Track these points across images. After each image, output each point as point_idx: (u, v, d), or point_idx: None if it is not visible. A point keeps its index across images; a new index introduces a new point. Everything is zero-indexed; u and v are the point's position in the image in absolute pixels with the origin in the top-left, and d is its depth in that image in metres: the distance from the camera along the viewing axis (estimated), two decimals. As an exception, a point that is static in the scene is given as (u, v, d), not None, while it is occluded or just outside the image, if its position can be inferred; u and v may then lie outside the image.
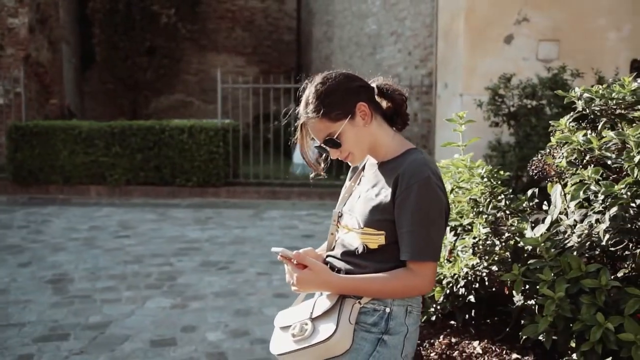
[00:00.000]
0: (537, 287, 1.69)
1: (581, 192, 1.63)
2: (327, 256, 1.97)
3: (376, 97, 1.91)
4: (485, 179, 2.08)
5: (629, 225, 1.52)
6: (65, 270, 5.55)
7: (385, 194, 1.78)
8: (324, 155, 1.95)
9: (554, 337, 1.89)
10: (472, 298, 2.16)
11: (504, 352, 2.07)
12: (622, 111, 1.72)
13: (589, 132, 1.87)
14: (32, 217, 7.88)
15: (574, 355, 1.69)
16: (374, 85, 1.91)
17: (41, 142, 9.11)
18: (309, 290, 1.85)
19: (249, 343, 4.01)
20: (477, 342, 2.15)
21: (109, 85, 14.76)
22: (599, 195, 1.64)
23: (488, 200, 2.04)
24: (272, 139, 9.61)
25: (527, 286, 1.78)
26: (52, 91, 12.69)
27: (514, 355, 2.03)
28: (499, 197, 2.08)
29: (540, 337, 1.79)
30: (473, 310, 2.29)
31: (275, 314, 4.60)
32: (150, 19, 14.11)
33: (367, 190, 1.87)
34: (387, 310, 1.78)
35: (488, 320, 2.35)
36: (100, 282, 5.23)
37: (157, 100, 15.97)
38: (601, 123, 1.77)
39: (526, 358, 2.01)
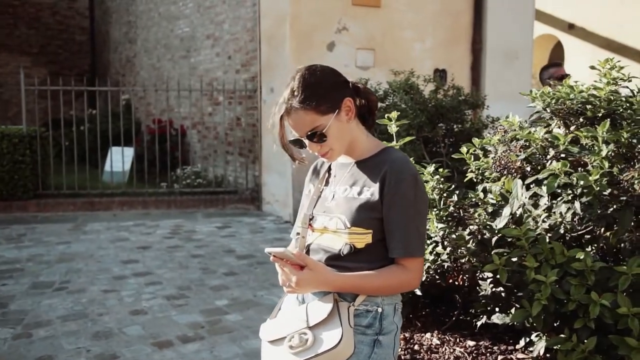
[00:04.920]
0: (517, 274, 1.81)
1: (555, 184, 1.78)
2: None
3: None
4: (437, 176, 2.17)
5: (606, 211, 1.71)
6: None
7: (370, 191, 1.77)
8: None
9: (492, 320, 2.04)
10: (417, 291, 2.24)
11: (458, 339, 2.18)
12: (574, 111, 1.93)
13: (534, 129, 2.05)
14: None
15: (541, 337, 1.84)
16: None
17: None
18: (308, 291, 1.78)
19: (122, 367, 3.67)
20: (429, 334, 2.23)
21: None
22: (564, 187, 1.82)
23: (439, 196, 2.13)
24: (74, 146, 8.81)
25: (497, 275, 1.90)
26: None
27: (470, 342, 2.16)
28: (444, 194, 2.19)
29: (505, 322, 1.93)
30: (413, 304, 2.38)
31: (139, 333, 4.30)
32: None
33: (345, 189, 1.84)
34: (380, 310, 1.77)
35: (423, 312, 2.45)
36: None
37: None
38: (554, 122, 1.96)
39: (482, 343, 2.15)
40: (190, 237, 7.02)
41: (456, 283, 2.28)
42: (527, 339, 1.96)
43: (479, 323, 2.10)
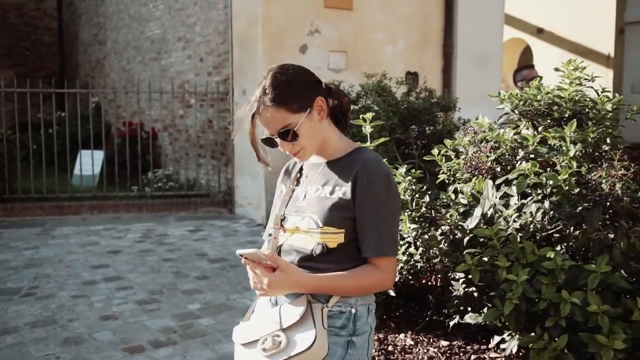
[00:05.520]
0: (489, 274, 1.83)
1: (525, 184, 1.80)
2: None
3: None
4: (409, 177, 2.18)
5: (575, 210, 1.73)
6: None
7: (342, 191, 1.77)
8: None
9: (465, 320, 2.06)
10: (391, 292, 2.24)
11: (431, 340, 2.19)
12: (542, 112, 1.95)
13: (503, 131, 2.08)
14: None
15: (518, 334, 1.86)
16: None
17: None
18: (280, 294, 1.77)
19: (92, 373, 3.61)
20: (402, 334, 2.23)
21: None
22: (535, 186, 1.84)
23: (411, 197, 2.14)
24: (43, 149, 8.64)
25: (469, 275, 1.91)
26: None
27: (443, 342, 2.17)
28: (416, 195, 2.20)
29: (474, 320, 1.94)
30: (386, 305, 2.38)
31: (109, 338, 4.24)
32: None
33: (317, 189, 1.84)
34: (353, 311, 1.77)
35: (397, 313, 2.46)
36: None
37: None
38: (523, 123, 1.98)
39: (455, 343, 2.16)
40: (162, 241, 6.94)
41: (429, 283, 2.29)
42: (500, 338, 1.97)
43: (452, 323, 2.11)
